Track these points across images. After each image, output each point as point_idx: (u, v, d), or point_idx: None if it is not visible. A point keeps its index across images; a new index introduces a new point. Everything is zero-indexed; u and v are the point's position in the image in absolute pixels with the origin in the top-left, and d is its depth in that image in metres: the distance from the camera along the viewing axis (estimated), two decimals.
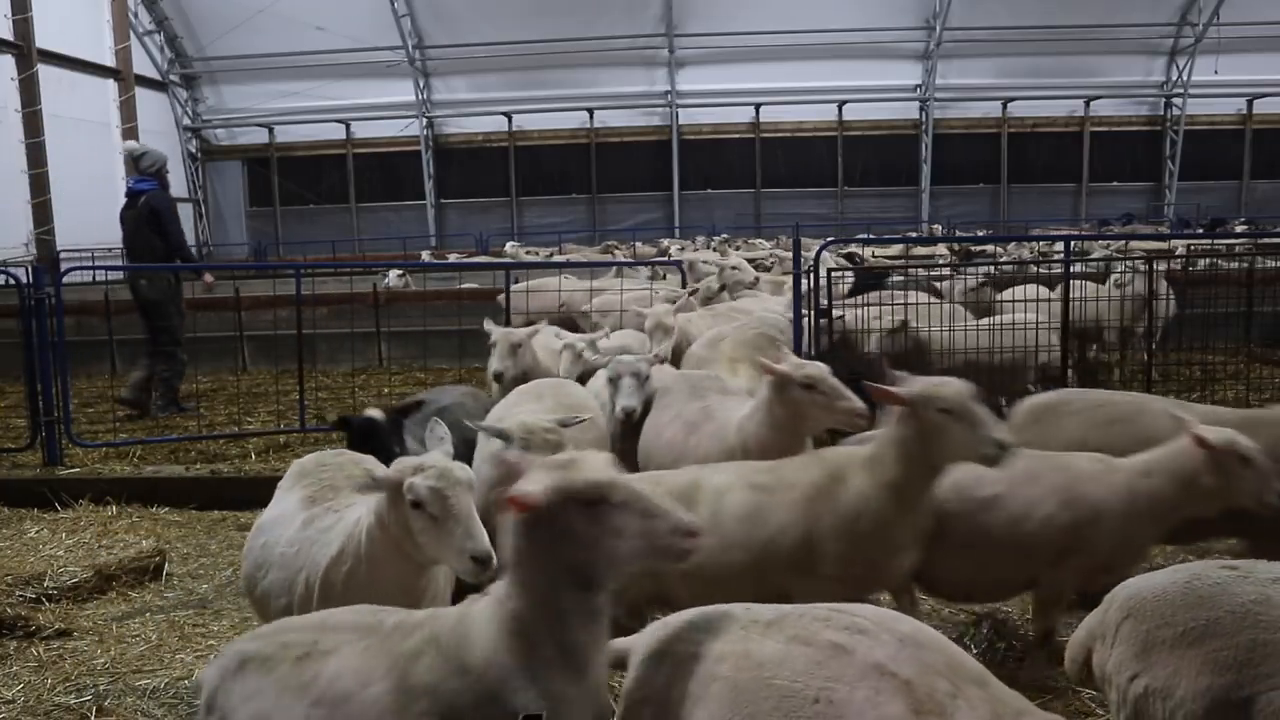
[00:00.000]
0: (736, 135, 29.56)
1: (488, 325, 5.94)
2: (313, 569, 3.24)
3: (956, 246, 14.26)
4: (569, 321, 8.70)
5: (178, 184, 29.15)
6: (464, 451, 3.87)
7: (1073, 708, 3.60)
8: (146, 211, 9.21)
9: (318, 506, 3.46)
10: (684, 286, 9.79)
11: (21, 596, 4.98)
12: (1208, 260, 10.11)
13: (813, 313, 6.95)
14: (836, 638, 2.17)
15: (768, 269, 12.31)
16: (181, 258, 9.59)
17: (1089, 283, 8.60)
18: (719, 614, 2.40)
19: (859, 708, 2.03)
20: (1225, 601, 2.40)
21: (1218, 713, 2.27)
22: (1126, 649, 2.50)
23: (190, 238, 29.04)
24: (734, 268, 9.66)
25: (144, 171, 9.43)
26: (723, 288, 9.35)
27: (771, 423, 4.29)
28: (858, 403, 4.16)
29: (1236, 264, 10.26)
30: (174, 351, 9.26)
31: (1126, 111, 29.17)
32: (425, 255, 21.91)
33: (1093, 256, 10.91)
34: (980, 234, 22.22)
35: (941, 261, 11.66)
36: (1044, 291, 7.78)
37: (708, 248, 18.93)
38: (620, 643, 2.52)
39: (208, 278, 9.76)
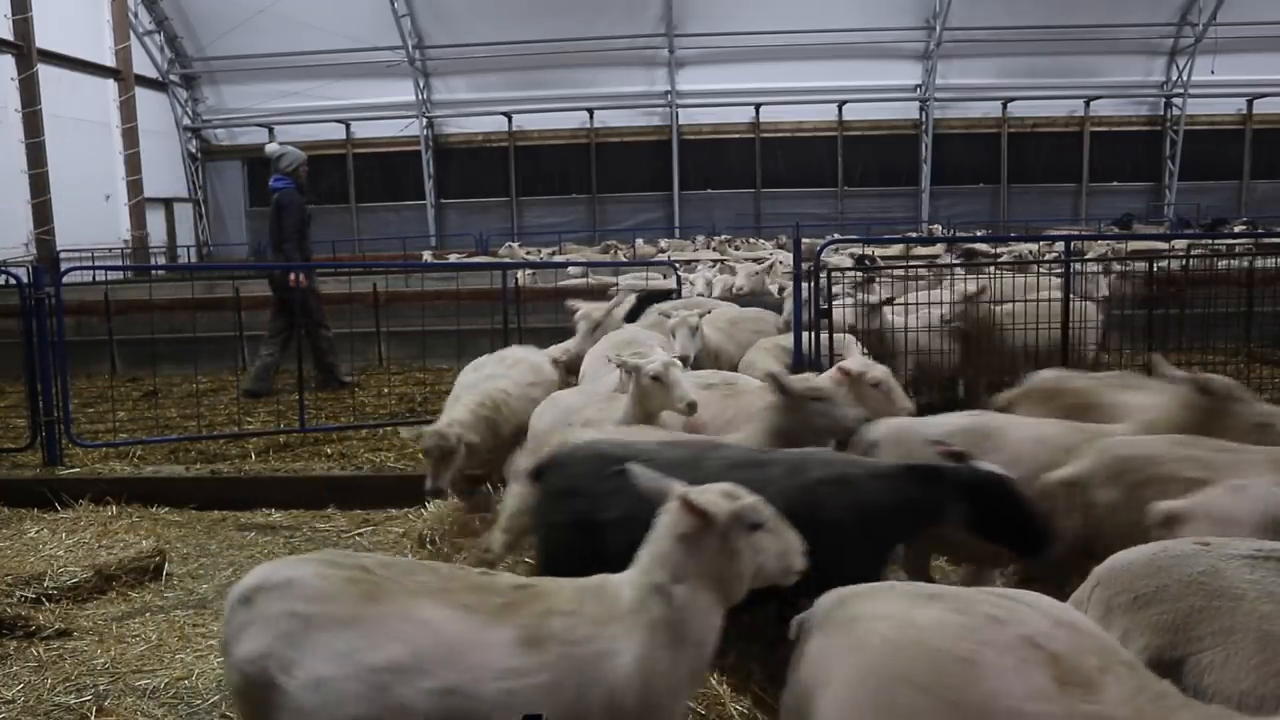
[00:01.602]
0: (736, 135, 29.57)
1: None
2: (612, 681, 2.58)
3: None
4: None
5: (176, 184, 29.23)
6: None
7: None
8: (275, 208, 9.84)
9: (509, 624, 2.63)
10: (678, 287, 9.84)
11: (21, 596, 4.97)
12: (1194, 259, 10.06)
13: (813, 313, 6.95)
14: (992, 610, 2.31)
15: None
16: (280, 253, 9.85)
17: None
18: (884, 587, 2.60)
19: (1003, 672, 2.16)
20: (1177, 571, 2.64)
21: (1155, 669, 2.44)
22: (1094, 612, 2.74)
23: (190, 238, 29.24)
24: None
25: (282, 171, 9.96)
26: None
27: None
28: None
29: (1236, 264, 10.24)
30: (317, 331, 9.69)
31: (1126, 111, 29.18)
32: (427, 255, 21.91)
33: (1089, 256, 10.90)
34: (980, 234, 22.23)
35: (940, 262, 11.63)
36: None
37: (708, 248, 18.98)
38: (799, 618, 2.69)
39: (296, 277, 9.88)
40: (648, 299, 8.68)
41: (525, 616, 2.63)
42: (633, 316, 8.13)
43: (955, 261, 10.26)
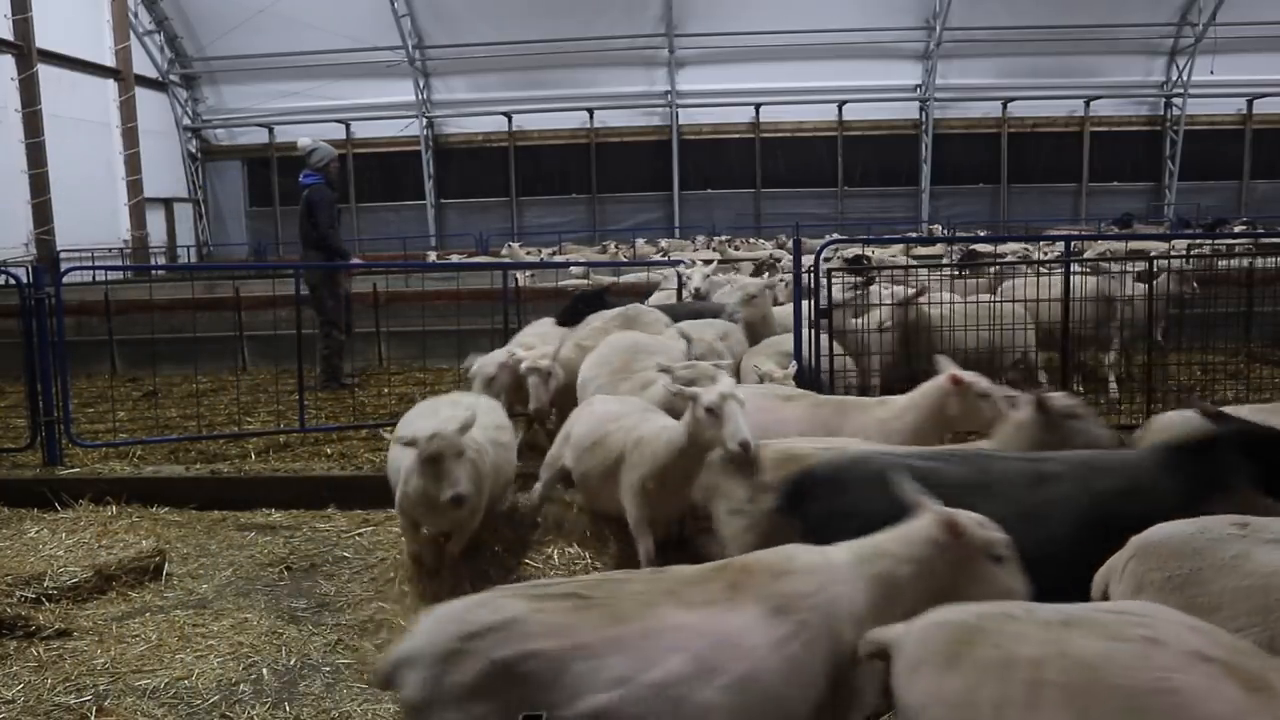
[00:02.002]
0: (736, 135, 29.57)
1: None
2: (852, 616, 2.82)
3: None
4: None
5: (176, 184, 29.23)
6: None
7: None
8: (306, 204, 9.84)
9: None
10: (680, 288, 9.81)
11: (21, 596, 4.97)
12: (1194, 259, 10.06)
13: (813, 313, 6.95)
14: (1144, 632, 2.24)
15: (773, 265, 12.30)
16: (325, 249, 9.88)
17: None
18: (1001, 614, 2.41)
19: (1203, 694, 2.10)
20: (1211, 555, 2.71)
21: None
22: (1126, 585, 2.81)
23: (190, 238, 29.24)
24: None
25: (312, 167, 9.98)
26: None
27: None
28: None
29: (1236, 264, 10.24)
30: (328, 331, 9.75)
31: (1126, 111, 29.18)
32: (432, 256, 21.92)
33: (1087, 255, 10.89)
34: (980, 234, 22.23)
35: (944, 263, 11.64)
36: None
37: (708, 248, 18.98)
38: (881, 635, 2.57)
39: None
40: (583, 300, 8.51)
41: (756, 589, 2.71)
42: (576, 319, 7.86)
43: (955, 262, 10.26)
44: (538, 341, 7.20)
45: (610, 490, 4.80)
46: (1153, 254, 10.41)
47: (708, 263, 10.73)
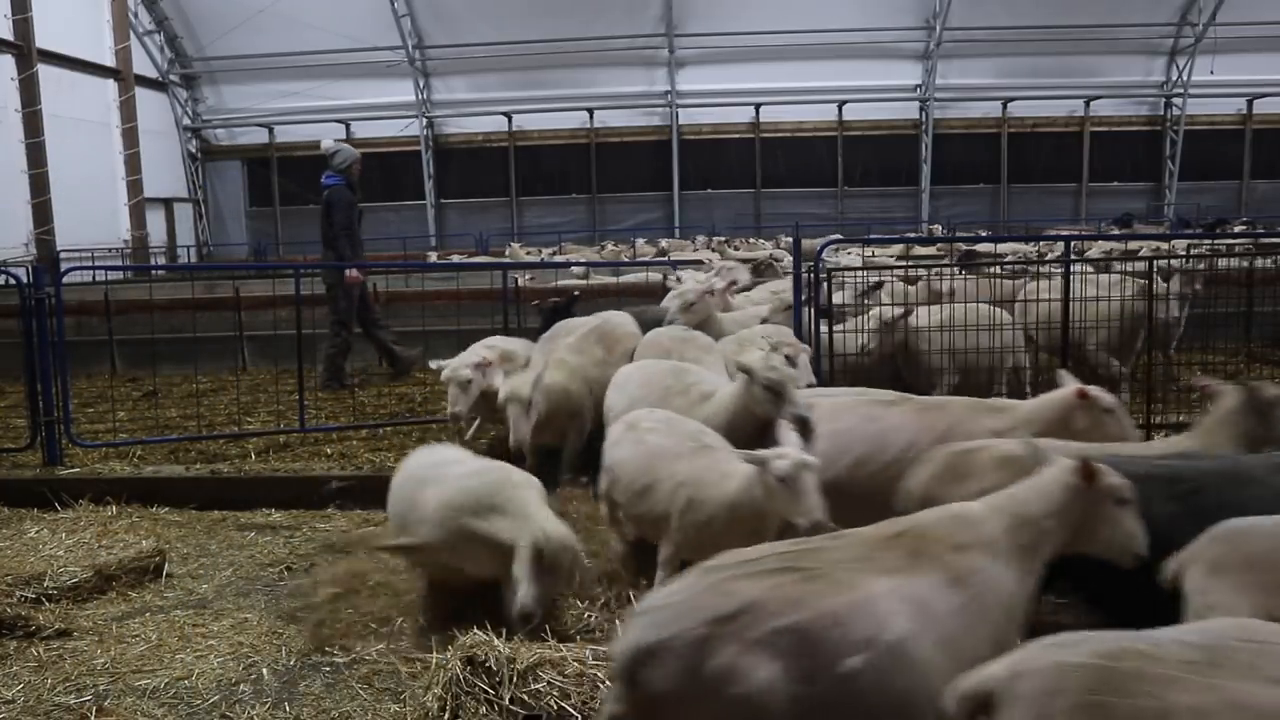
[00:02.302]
0: (736, 135, 29.59)
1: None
2: (1005, 598, 3.00)
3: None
4: None
5: (176, 184, 29.24)
6: None
7: None
8: (325, 205, 9.99)
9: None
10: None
11: (21, 596, 4.95)
12: (1194, 259, 10.04)
13: (813, 312, 6.96)
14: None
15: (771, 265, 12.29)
16: (334, 249, 9.98)
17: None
18: (1133, 651, 2.15)
19: None
20: None
21: None
22: (1201, 570, 2.94)
23: (190, 238, 29.25)
24: None
25: (335, 169, 10.06)
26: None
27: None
28: None
29: (1236, 264, 10.23)
30: (338, 330, 9.84)
31: (1126, 111, 29.20)
32: (432, 256, 21.92)
33: (1090, 255, 10.90)
34: (980, 234, 22.24)
35: (944, 263, 11.63)
36: None
37: (707, 248, 18.98)
38: (982, 681, 2.28)
39: (352, 274, 9.93)
40: (552, 312, 8.37)
41: (935, 558, 2.87)
42: (545, 324, 7.67)
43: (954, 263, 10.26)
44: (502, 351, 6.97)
45: (663, 530, 4.48)
46: (1142, 252, 10.42)
47: (727, 268, 10.49)
